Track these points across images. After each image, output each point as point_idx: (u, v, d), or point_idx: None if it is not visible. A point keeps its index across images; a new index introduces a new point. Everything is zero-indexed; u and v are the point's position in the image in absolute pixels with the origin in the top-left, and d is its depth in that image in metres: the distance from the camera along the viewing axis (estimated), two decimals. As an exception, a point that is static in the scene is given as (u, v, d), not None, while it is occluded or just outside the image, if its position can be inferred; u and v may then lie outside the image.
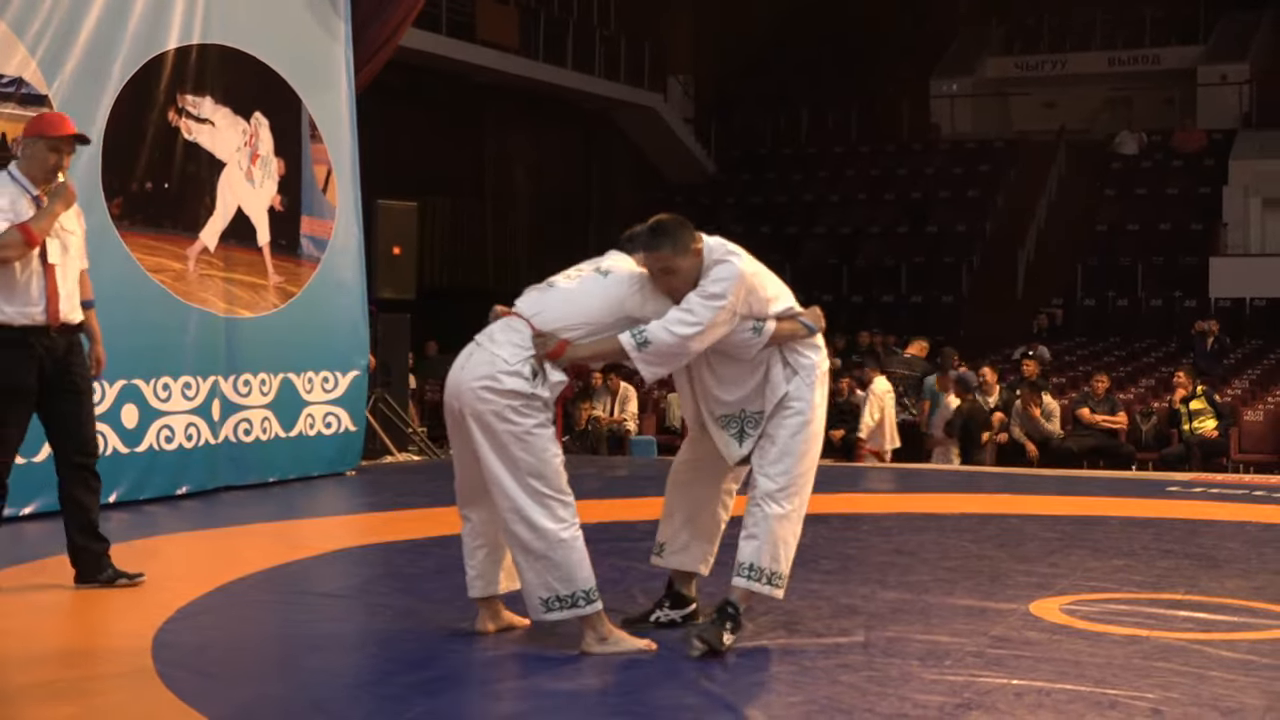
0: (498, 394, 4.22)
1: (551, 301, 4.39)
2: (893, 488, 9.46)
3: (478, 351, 4.34)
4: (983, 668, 4.23)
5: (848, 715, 3.74)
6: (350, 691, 4.11)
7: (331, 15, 9.50)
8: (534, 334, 4.28)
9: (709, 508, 4.71)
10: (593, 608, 4.30)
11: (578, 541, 4.29)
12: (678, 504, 4.75)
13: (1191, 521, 7.58)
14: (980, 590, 5.47)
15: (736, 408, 4.51)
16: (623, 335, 4.29)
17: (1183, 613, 5.06)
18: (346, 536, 7.40)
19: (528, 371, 4.24)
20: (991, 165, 23.47)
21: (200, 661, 4.37)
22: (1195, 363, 15.00)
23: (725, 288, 4.27)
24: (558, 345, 4.26)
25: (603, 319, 4.35)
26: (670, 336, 4.25)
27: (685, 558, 4.71)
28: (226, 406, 8.59)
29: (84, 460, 5.59)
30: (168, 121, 8.33)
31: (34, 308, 5.32)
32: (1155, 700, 3.87)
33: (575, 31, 21.31)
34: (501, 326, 4.38)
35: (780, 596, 4.50)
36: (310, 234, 9.34)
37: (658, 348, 4.26)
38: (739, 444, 4.51)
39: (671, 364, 4.38)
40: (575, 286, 4.44)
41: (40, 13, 7.45)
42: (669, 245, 4.33)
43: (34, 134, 5.43)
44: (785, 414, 4.45)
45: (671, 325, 4.26)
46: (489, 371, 4.25)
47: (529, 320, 4.33)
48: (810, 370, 4.50)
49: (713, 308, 4.26)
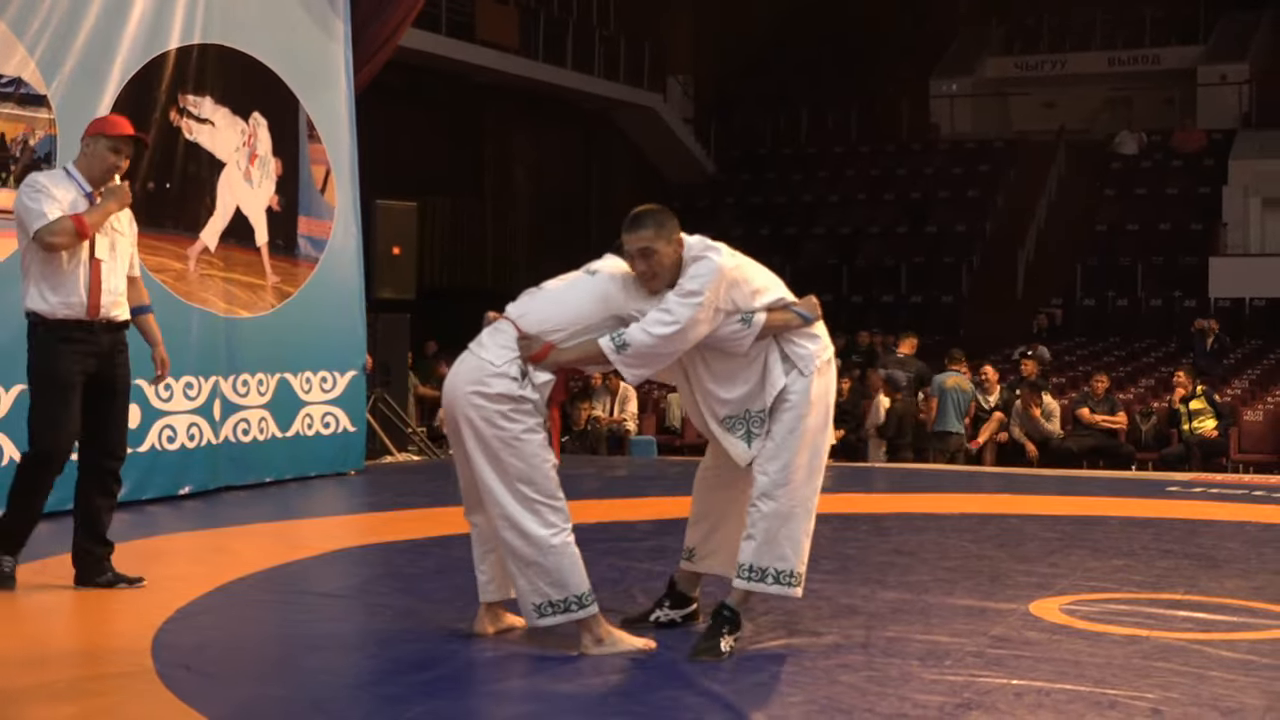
0: (486, 398, 4.21)
1: (538, 304, 4.39)
2: (892, 488, 9.45)
3: (468, 358, 4.35)
4: (983, 668, 4.23)
5: (848, 715, 3.74)
6: (350, 691, 4.11)
7: (330, 15, 9.50)
8: (519, 336, 4.28)
9: (736, 511, 4.63)
10: (586, 612, 4.29)
11: (569, 547, 4.27)
12: (706, 508, 4.72)
13: (1191, 521, 7.58)
14: (980, 590, 5.47)
15: (740, 408, 4.45)
16: (602, 339, 4.27)
17: (1182, 613, 5.06)
18: (346, 536, 7.40)
19: (515, 372, 4.23)
20: (991, 165, 23.47)
21: (200, 661, 4.37)
22: (1195, 362, 15.00)
23: (702, 284, 4.24)
24: (542, 348, 4.26)
25: (589, 318, 4.33)
26: (648, 337, 4.23)
27: (715, 562, 4.68)
28: (226, 406, 8.60)
29: (109, 464, 5.63)
30: (169, 121, 8.34)
31: (75, 299, 5.36)
32: (1155, 700, 3.87)
33: (575, 31, 21.31)
34: (490, 331, 4.38)
35: (799, 594, 4.45)
36: (308, 234, 9.34)
37: (636, 349, 4.24)
38: (747, 445, 4.44)
39: (653, 364, 4.34)
40: (563, 287, 4.45)
41: (39, 12, 7.45)
42: (651, 226, 4.32)
43: (95, 133, 5.49)
44: (782, 409, 4.40)
45: (649, 326, 4.24)
46: (477, 376, 4.25)
47: (514, 322, 4.33)
48: (808, 361, 4.44)
49: (691, 304, 4.22)
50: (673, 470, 10.05)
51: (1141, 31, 25.28)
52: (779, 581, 4.39)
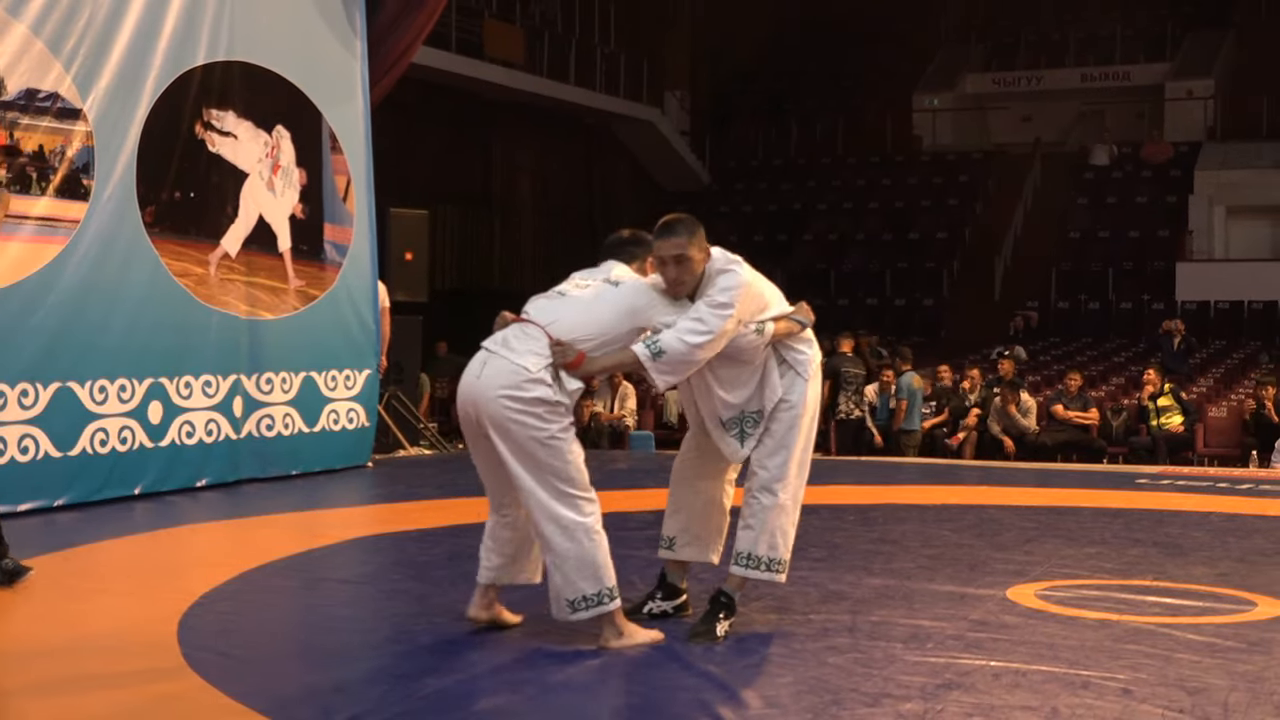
0: (522, 403, 4.09)
1: (566, 310, 4.26)
2: (877, 480, 9.45)
3: (493, 360, 4.19)
4: (962, 650, 4.24)
5: (835, 694, 3.75)
6: (366, 673, 4.11)
7: (349, 33, 9.49)
8: (551, 343, 4.17)
9: (715, 501, 4.68)
10: (615, 604, 4.22)
11: (603, 536, 4.21)
12: (683, 499, 4.70)
13: (1159, 512, 7.58)
14: (960, 577, 5.47)
15: (739, 409, 4.47)
16: (636, 346, 4.23)
17: (1151, 598, 5.06)
18: (362, 526, 7.40)
19: (549, 378, 4.13)
20: (971, 176, 23.47)
21: (223, 644, 4.37)
22: (1163, 362, 15.00)
23: (732, 296, 4.23)
24: (577, 356, 4.17)
25: (616, 328, 4.26)
26: (683, 345, 4.19)
27: (695, 550, 4.68)
28: (249, 403, 8.59)
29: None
30: (194, 134, 8.34)
31: None
32: (1125, 680, 3.87)
33: (578, 49, 21.29)
34: (517, 334, 4.22)
35: (783, 580, 4.50)
36: (333, 240, 9.35)
37: (671, 357, 4.20)
38: (740, 444, 4.48)
39: (684, 372, 4.31)
40: (589, 296, 4.32)
41: (75, 32, 7.47)
42: (684, 234, 4.28)
43: None
44: (782, 409, 4.43)
45: (684, 335, 4.20)
46: (512, 380, 4.11)
47: (545, 328, 4.20)
48: (805, 365, 4.49)
49: (722, 316, 4.21)
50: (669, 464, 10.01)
51: (1113, 50, 25.28)
52: (769, 569, 4.44)
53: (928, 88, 25.96)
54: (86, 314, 7.51)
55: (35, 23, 7.24)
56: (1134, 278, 20.14)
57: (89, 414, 7.53)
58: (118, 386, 7.72)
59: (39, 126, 7.27)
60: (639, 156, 23.62)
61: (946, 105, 25.73)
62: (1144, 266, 20.30)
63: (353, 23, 9.52)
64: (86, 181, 7.54)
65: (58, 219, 7.37)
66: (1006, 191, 22.93)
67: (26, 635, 4.62)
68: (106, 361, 7.64)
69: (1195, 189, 21.39)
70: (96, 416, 7.57)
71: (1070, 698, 3.71)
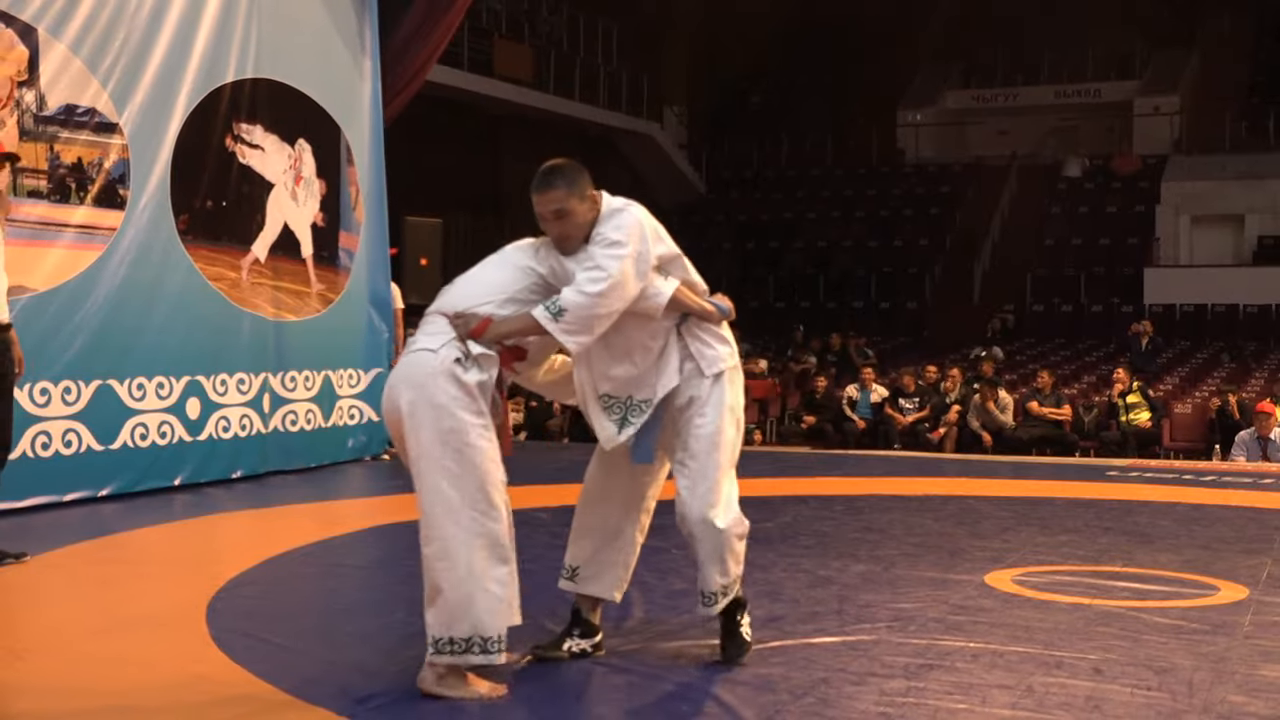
0: (428, 378, 3.47)
1: (455, 289, 3.71)
2: (864, 472, 9.44)
3: (402, 361, 3.65)
4: (943, 632, 4.23)
5: (823, 674, 3.74)
6: (383, 653, 4.10)
7: (361, 55, 9.50)
8: (451, 318, 3.56)
9: (625, 530, 3.90)
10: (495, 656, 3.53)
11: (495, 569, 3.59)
12: (590, 525, 3.91)
13: (1128, 502, 7.58)
14: (941, 563, 5.46)
15: (623, 390, 3.73)
16: (536, 309, 3.53)
17: (1120, 583, 5.06)
18: (379, 515, 7.38)
19: (455, 353, 3.49)
20: (951, 186, 23.50)
21: (249, 625, 4.37)
22: (1132, 361, 15.01)
23: (624, 234, 3.54)
24: (480, 323, 3.53)
25: (513, 284, 3.64)
26: (583, 298, 3.48)
27: (598, 585, 3.90)
28: (275, 400, 8.60)
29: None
30: (225, 147, 8.34)
31: None
32: (1096, 660, 3.87)
33: (582, 67, 21.29)
34: (419, 330, 3.68)
35: (741, 596, 3.87)
36: (346, 247, 9.35)
37: (574, 313, 3.48)
38: (617, 431, 3.72)
39: (594, 327, 3.52)
40: (475, 269, 3.78)
41: (111, 51, 7.47)
42: (563, 185, 3.64)
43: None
44: (697, 425, 3.69)
45: (582, 286, 3.50)
46: (408, 370, 3.55)
47: (440, 313, 3.63)
48: (714, 363, 3.73)
49: (617, 256, 3.50)
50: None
51: (1085, 68, 25.32)
52: (726, 594, 3.77)
53: (911, 104, 25.98)
54: (124, 316, 7.51)
55: (74, 43, 7.24)
56: (1104, 282, 20.15)
57: (128, 410, 7.54)
58: (155, 384, 7.72)
59: (78, 140, 7.27)
60: (638, 168, 23.60)
61: (929, 120, 25.75)
62: (1114, 272, 20.32)
63: (364, 45, 9.50)
64: (123, 191, 7.54)
65: (96, 226, 7.37)
66: (985, 201, 22.95)
67: (66, 616, 4.62)
68: (144, 360, 7.64)
69: (1162, 199, 21.43)
70: (135, 412, 7.58)
71: (1044, 677, 3.70)
